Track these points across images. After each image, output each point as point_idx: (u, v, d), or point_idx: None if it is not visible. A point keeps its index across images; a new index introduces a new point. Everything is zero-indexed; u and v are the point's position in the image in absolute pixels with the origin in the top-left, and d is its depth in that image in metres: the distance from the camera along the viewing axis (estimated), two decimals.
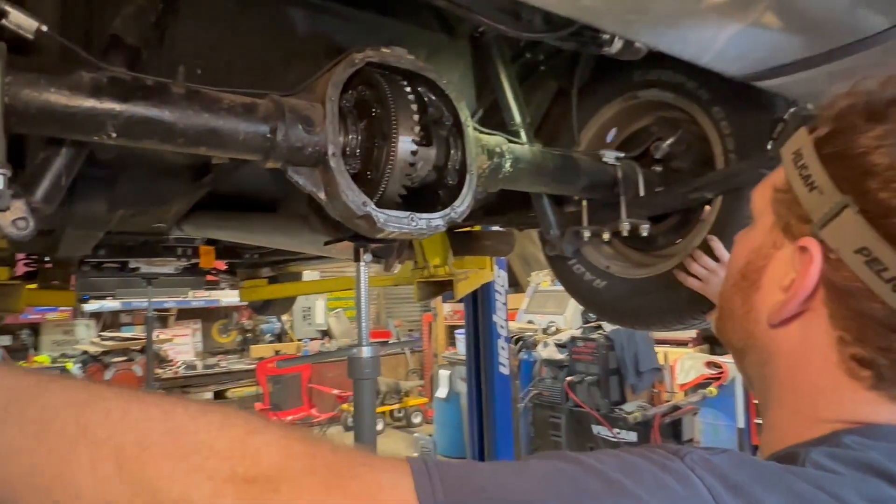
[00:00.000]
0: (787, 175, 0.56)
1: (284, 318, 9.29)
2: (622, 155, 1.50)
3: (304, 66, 1.22)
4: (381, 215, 1.02)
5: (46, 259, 2.99)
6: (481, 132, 1.27)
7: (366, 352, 1.27)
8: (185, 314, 8.39)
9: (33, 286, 2.97)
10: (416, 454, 6.41)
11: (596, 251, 1.68)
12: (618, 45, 1.14)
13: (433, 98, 1.20)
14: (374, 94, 1.06)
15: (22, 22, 0.76)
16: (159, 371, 7.09)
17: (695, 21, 0.76)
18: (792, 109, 0.96)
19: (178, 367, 7.58)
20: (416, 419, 8.24)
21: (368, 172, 1.06)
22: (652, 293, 1.54)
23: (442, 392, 6.75)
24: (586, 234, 1.55)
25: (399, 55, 1.13)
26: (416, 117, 1.04)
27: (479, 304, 3.81)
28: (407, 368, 9.63)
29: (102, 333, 7.26)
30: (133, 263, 3.44)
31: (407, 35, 1.41)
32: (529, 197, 1.69)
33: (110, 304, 7.33)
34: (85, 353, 6.51)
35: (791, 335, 0.54)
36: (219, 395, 7.64)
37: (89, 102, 0.81)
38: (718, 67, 0.93)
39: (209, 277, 4.09)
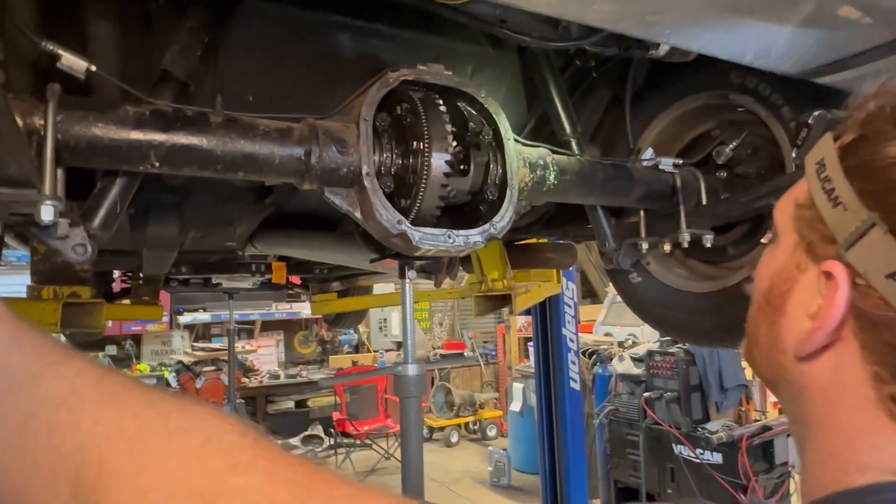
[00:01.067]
0: (809, 188, 0.50)
1: (361, 329, 9.53)
2: (680, 162, 1.41)
3: (351, 87, 1.24)
4: (416, 233, 1.01)
5: (140, 276, 3.24)
6: (524, 145, 1.24)
7: (411, 370, 1.26)
8: (269, 325, 8.80)
9: (127, 302, 3.23)
10: (490, 468, 6.34)
11: None
12: (665, 47, 1.08)
13: (473, 112, 1.19)
14: (409, 113, 1.07)
15: (73, 63, 0.83)
16: (245, 380, 7.46)
17: (724, 19, 0.69)
18: (816, 112, 0.86)
19: (263, 377, 7.94)
20: (492, 432, 8.17)
21: (404, 191, 1.06)
22: (680, 307, 1.50)
23: (516, 405, 6.65)
24: (644, 246, 1.47)
25: (436, 72, 1.12)
26: (449, 134, 1.03)
27: (547, 316, 3.73)
28: (482, 380, 9.58)
29: (194, 344, 7.76)
30: (215, 279, 3.65)
31: (452, 50, 1.41)
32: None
33: (202, 317, 7.83)
34: (179, 362, 6.98)
35: (822, 369, 0.48)
36: (300, 405, 7.93)
37: (133, 135, 0.86)
38: (768, 66, 0.85)
39: (290, 291, 4.29)
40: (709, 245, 1.39)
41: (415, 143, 1.03)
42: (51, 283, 1.50)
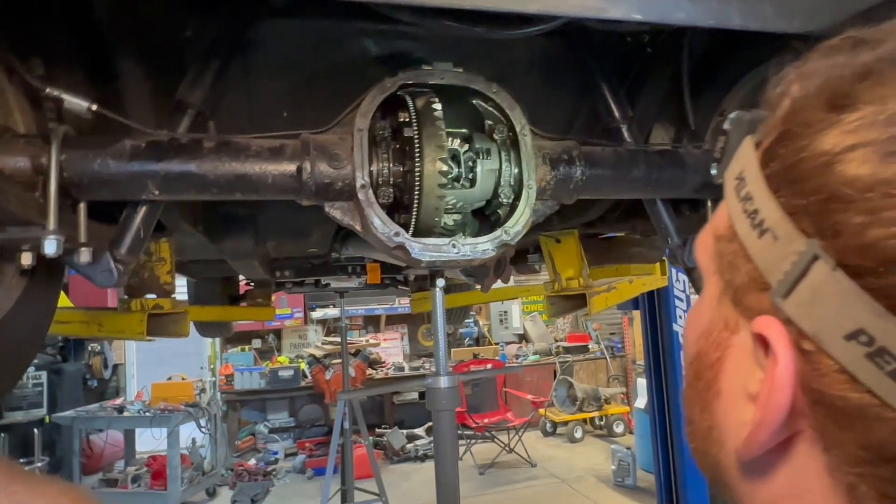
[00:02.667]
0: (729, 213, 0.36)
1: (482, 322, 9.60)
2: None
3: None
4: (415, 245, 0.97)
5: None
6: (548, 139, 1.13)
7: (443, 382, 1.22)
8: (393, 319, 9.17)
9: (244, 304, 3.53)
10: (613, 467, 6.07)
11: None
12: None
13: (490, 110, 1.11)
14: (407, 118, 1.02)
15: (74, 106, 0.89)
16: (371, 372, 7.85)
17: None
18: (733, 114, 0.63)
19: (388, 369, 8.30)
20: (619, 428, 7.82)
21: (403, 202, 1.01)
22: None
23: (640, 402, 6.29)
24: None
25: (440, 71, 1.07)
26: (445, 141, 0.97)
27: (656, 312, 3.46)
28: (608, 374, 9.21)
29: (325, 338, 8.31)
30: (324, 280, 3.87)
31: (485, 41, 1.33)
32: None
33: (331, 312, 8.36)
34: (311, 355, 7.52)
35: (772, 479, 0.33)
36: (424, 396, 8.17)
37: (130, 167, 0.91)
38: (762, 27, 0.67)
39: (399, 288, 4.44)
40: None
41: (410, 149, 0.98)
42: (139, 295, 1.66)
